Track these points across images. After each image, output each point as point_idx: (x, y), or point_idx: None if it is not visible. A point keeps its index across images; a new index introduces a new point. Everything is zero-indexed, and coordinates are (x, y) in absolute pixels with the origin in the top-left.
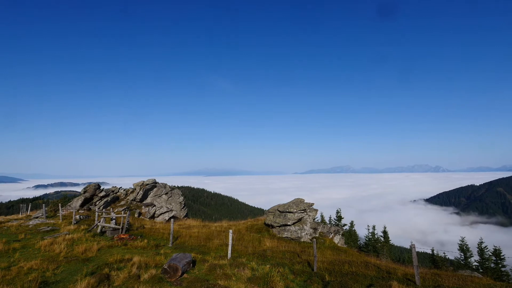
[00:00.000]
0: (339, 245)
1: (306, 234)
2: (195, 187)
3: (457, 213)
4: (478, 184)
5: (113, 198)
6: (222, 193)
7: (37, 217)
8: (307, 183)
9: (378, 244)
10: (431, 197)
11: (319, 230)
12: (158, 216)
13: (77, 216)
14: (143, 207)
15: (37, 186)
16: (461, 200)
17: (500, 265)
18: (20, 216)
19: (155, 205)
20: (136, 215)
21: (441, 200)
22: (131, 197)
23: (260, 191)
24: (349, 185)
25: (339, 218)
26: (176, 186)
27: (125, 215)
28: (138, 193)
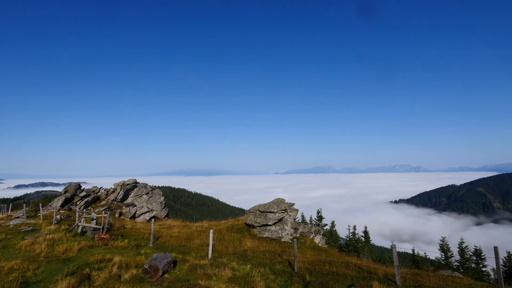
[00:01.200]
0: (320, 245)
1: (287, 234)
2: (176, 187)
3: (438, 213)
4: (459, 184)
5: (94, 198)
6: (203, 193)
7: (17, 217)
8: (289, 183)
9: (359, 244)
10: (412, 197)
11: (300, 230)
12: (139, 216)
13: (58, 216)
14: (123, 207)
15: (18, 186)
16: (441, 200)
17: (480, 265)
18: (0, 216)
19: (135, 205)
20: (117, 215)
21: (422, 200)
22: (111, 197)
23: (241, 191)
24: (330, 185)
25: (320, 218)
26: (157, 186)
27: (105, 215)
28: (119, 193)
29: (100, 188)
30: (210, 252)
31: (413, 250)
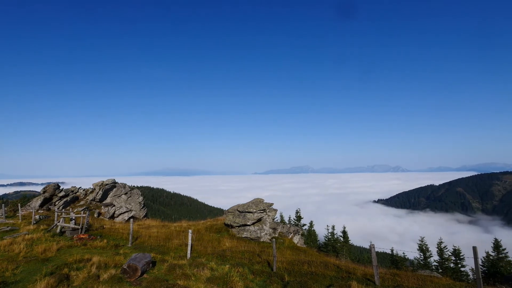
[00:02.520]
0: (298, 245)
1: (266, 234)
2: (155, 187)
3: (417, 213)
4: (437, 184)
5: (73, 198)
6: (182, 193)
7: None
8: (267, 183)
9: (337, 244)
10: (391, 197)
11: (279, 230)
12: (117, 216)
13: (37, 216)
14: (102, 207)
15: None
16: (420, 200)
17: (459, 265)
18: None
19: (114, 205)
20: (95, 215)
21: (400, 200)
22: (90, 197)
23: (220, 191)
24: (308, 185)
25: (299, 218)
26: (135, 186)
27: (84, 215)
28: (97, 193)
29: (79, 188)
30: (189, 252)
31: (392, 250)
